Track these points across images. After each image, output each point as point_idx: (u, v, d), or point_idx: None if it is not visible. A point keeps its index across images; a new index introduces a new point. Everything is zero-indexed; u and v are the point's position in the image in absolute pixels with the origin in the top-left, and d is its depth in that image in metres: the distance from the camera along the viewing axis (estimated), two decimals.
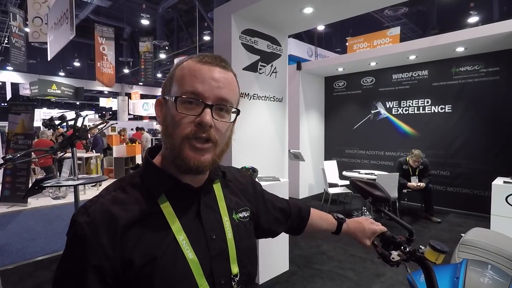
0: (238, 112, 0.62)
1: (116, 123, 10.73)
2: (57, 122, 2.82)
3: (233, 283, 0.62)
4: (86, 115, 3.13)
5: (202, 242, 0.60)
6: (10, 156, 2.28)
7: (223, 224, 0.65)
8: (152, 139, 11.30)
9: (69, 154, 2.96)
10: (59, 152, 2.71)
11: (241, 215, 0.71)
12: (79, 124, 2.73)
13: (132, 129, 14.05)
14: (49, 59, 6.87)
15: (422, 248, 0.81)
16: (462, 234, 1.87)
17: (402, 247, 0.84)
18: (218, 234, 0.63)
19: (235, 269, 0.63)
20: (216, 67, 0.58)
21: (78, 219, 0.54)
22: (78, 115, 2.72)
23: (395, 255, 0.84)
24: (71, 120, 2.73)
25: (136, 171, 0.64)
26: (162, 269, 0.54)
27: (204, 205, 0.64)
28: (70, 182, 2.59)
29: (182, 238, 0.57)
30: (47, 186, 2.56)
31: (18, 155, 2.36)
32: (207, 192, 0.66)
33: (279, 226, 0.86)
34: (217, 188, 0.69)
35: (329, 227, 0.93)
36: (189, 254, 0.57)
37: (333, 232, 0.93)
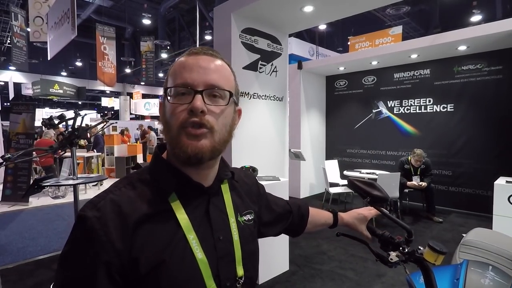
0: (231, 95, 0.61)
1: (116, 123, 10.75)
2: (56, 121, 2.81)
3: (237, 286, 0.62)
4: (85, 114, 3.12)
5: (210, 242, 0.59)
6: (9, 155, 2.27)
7: (230, 226, 0.64)
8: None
9: (69, 153, 2.96)
10: (59, 151, 2.70)
11: (245, 218, 0.70)
12: (78, 123, 2.73)
13: (137, 129, 14.02)
14: (49, 59, 6.87)
15: (421, 248, 0.79)
16: (464, 234, 1.84)
17: (400, 248, 0.82)
18: (225, 236, 0.62)
19: (240, 271, 0.63)
20: (202, 55, 0.60)
21: (87, 214, 0.52)
22: (77, 115, 2.71)
23: (393, 256, 0.82)
24: (70, 119, 2.73)
25: (145, 167, 0.63)
26: (171, 268, 0.53)
27: (213, 205, 0.63)
28: (69, 182, 2.58)
29: (192, 237, 0.57)
30: (46, 186, 2.55)
31: (18, 154, 2.36)
32: (215, 192, 0.65)
33: (280, 223, 0.89)
34: (225, 189, 0.68)
35: (327, 221, 0.97)
36: (198, 254, 0.56)
37: (330, 226, 0.97)
